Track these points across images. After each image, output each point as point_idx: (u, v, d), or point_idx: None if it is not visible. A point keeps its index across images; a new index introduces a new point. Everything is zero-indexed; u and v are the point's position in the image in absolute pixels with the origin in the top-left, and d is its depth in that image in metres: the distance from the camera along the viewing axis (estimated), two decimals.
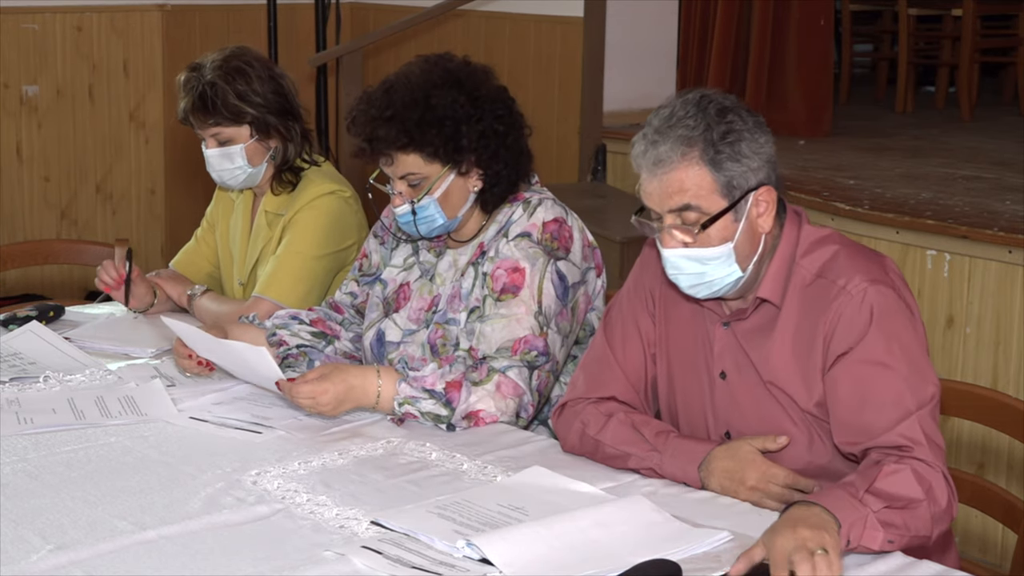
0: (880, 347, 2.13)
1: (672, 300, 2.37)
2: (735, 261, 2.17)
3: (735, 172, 2.13)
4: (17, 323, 3.11)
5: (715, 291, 2.22)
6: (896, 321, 2.15)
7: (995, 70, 7.73)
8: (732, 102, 2.18)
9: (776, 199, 2.20)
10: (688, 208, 2.14)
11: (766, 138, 2.17)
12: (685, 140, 2.12)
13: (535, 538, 1.97)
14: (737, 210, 2.15)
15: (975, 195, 4.46)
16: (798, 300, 2.21)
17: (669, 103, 2.18)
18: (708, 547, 1.99)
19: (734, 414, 2.30)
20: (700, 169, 2.13)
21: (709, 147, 2.12)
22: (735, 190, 2.14)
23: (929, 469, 2.07)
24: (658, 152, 2.13)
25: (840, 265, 2.20)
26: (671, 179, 2.13)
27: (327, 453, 2.37)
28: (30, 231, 6.32)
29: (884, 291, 2.16)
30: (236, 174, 3.18)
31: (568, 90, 5.89)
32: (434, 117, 2.58)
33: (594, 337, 2.51)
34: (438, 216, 2.65)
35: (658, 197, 2.16)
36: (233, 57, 3.16)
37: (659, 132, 2.15)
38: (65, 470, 2.30)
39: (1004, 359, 3.88)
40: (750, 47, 5.85)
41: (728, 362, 2.29)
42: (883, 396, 2.12)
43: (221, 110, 3.11)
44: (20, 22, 6.19)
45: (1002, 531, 3.71)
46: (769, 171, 2.17)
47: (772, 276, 2.22)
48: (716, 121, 2.13)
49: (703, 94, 2.18)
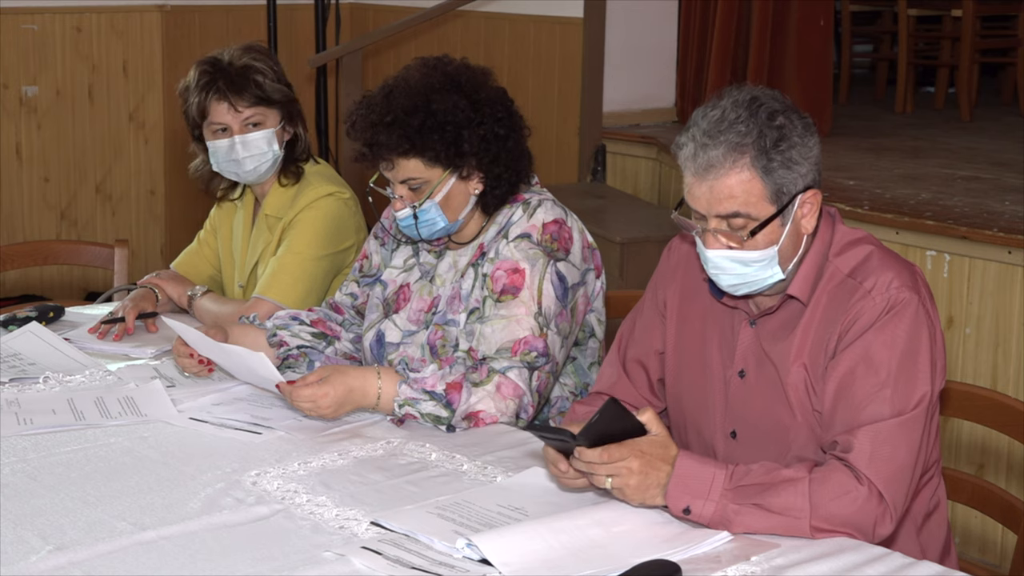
0: (874, 346, 2.12)
1: (688, 302, 2.36)
2: (778, 263, 2.16)
3: (786, 179, 2.11)
4: (17, 324, 3.11)
5: (755, 290, 2.21)
6: (903, 325, 2.13)
7: (995, 70, 7.73)
8: (782, 104, 2.14)
9: (820, 200, 2.18)
10: (736, 215, 2.12)
11: (814, 140, 2.15)
12: (736, 147, 2.09)
13: (535, 538, 1.97)
14: (784, 215, 2.13)
15: (975, 196, 4.46)
16: (825, 299, 2.20)
17: (718, 104, 2.14)
18: (708, 547, 1.99)
19: (746, 412, 2.29)
20: (751, 176, 2.10)
21: (761, 155, 2.09)
22: (784, 196, 2.12)
23: (849, 477, 2.04)
24: (708, 157, 2.10)
25: (871, 267, 2.18)
26: (721, 186, 2.10)
27: (327, 454, 2.37)
28: (30, 231, 6.33)
29: (906, 296, 2.14)
30: (267, 159, 3.17)
31: (568, 90, 5.89)
32: (435, 122, 2.58)
33: (609, 352, 2.52)
34: (439, 219, 2.65)
35: (706, 202, 2.13)
36: (252, 47, 3.21)
37: (709, 135, 2.10)
38: (65, 471, 2.30)
39: (1004, 359, 3.88)
40: (750, 47, 5.85)
41: (750, 361, 2.28)
42: (857, 395, 2.11)
43: (258, 90, 3.13)
44: (20, 22, 6.19)
45: (1002, 531, 3.71)
46: (816, 174, 2.16)
47: (803, 274, 2.21)
48: (768, 126, 2.09)
49: (753, 95, 2.14)
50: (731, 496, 2.02)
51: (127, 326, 3.11)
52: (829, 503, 2.02)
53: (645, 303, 2.47)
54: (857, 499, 2.03)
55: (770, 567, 1.93)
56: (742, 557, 1.96)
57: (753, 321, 2.28)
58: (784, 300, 2.24)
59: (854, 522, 2.03)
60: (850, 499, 2.03)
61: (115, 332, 3.09)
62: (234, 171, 3.20)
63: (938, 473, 2.32)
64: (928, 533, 2.30)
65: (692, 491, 2.02)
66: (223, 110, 3.13)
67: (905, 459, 2.08)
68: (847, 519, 2.02)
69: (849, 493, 2.03)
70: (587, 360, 2.75)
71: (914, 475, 2.11)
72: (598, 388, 2.49)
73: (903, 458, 2.08)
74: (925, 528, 2.29)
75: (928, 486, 2.29)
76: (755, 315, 2.28)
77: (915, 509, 2.25)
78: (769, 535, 2.01)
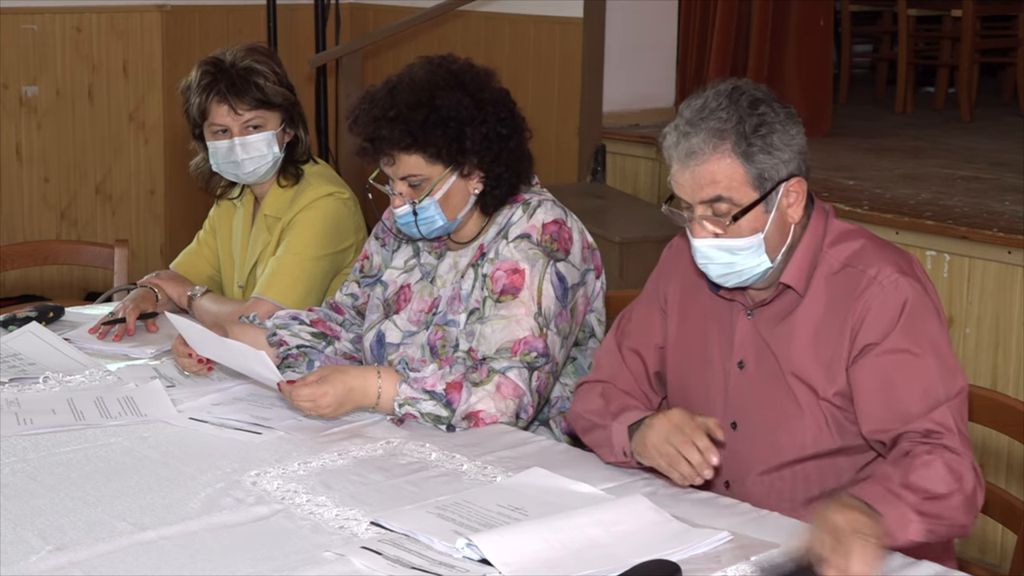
0: (910, 339, 2.15)
1: (689, 298, 2.38)
2: (764, 251, 2.19)
3: (767, 164, 2.15)
4: (17, 324, 3.11)
5: (744, 280, 2.23)
6: (925, 315, 2.17)
7: (995, 70, 7.73)
8: (764, 93, 2.19)
9: (806, 190, 2.22)
10: (720, 200, 2.16)
11: (797, 129, 2.19)
12: (717, 132, 2.14)
13: (535, 538, 1.97)
14: (768, 201, 2.17)
15: (975, 196, 4.46)
16: (824, 289, 2.23)
17: (702, 94, 2.20)
18: (708, 547, 1.99)
19: (747, 403, 2.30)
20: (732, 161, 2.14)
21: (741, 140, 2.14)
22: (766, 182, 2.16)
23: (958, 459, 2.08)
24: (690, 144, 2.15)
25: (869, 255, 2.22)
26: (703, 171, 2.15)
27: (327, 454, 2.37)
28: (30, 232, 6.32)
29: (914, 284, 2.18)
30: (266, 161, 3.17)
31: (568, 90, 5.89)
32: (438, 118, 2.58)
33: (605, 338, 2.53)
34: (438, 217, 2.65)
35: (690, 188, 2.17)
36: (255, 49, 3.21)
37: (691, 124, 2.16)
38: (64, 471, 2.30)
39: (1004, 359, 3.89)
40: (750, 47, 5.85)
41: (749, 351, 2.30)
42: (914, 383, 2.14)
43: (259, 93, 3.12)
44: (20, 22, 6.19)
45: (1002, 531, 3.71)
46: (800, 162, 2.20)
47: (797, 263, 2.24)
48: (748, 113, 2.15)
49: (735, 85, 2.19)
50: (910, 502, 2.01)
51: (128, 327, 3.11)
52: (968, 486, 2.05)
53: (645, 295, 2.49)
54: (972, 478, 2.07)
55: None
56: (742, 557, 1.96)
57: (750, 312, 2.30)
58: (780, 290, 2.26)
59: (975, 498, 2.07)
60: (969, 477, 2.06)
61: (115, 332, 3.09)
62: (233, 172, 3.20)
63: None
64: None
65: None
66: (223, 112, 3.13)
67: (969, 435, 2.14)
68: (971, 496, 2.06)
69: (964, 472, 2.06)
70: (587, 360, 2.75)
71: None
72: (599, 376, 2.47)
73: (969, 433, 2.14)
74: None
75: None
76: (751, 306, 2.30)
77: None
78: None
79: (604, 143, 5.77)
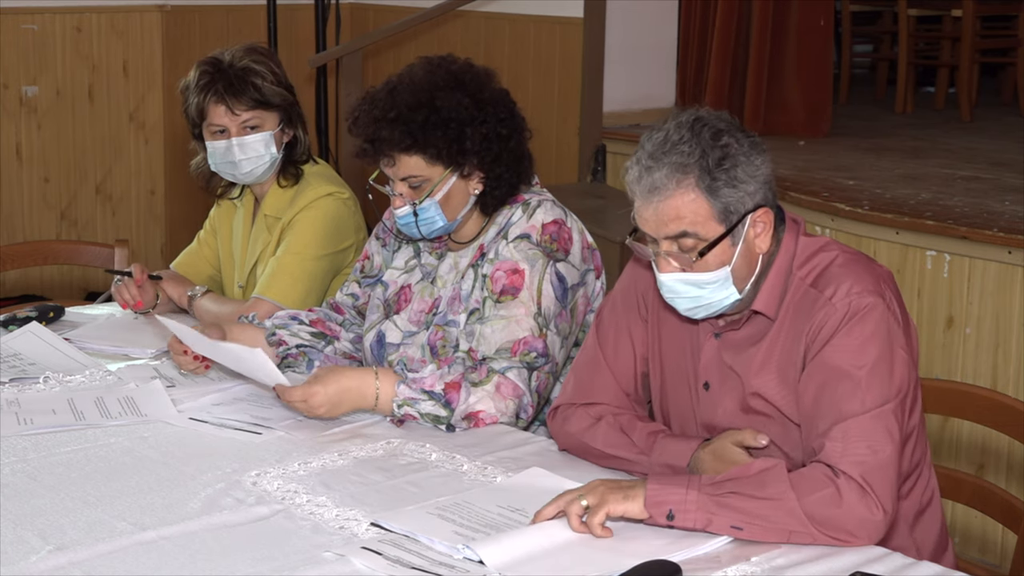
0: (841, 353, 2.10)
1: (665, 307, 2.36)
2: (732, 283, 2.15)
3: (732, 198, 2.10)
4: (17, 324, 3.11)
5: (713, 312, 2.20)
6: (868, 328, 2.10)
7: (995, 70, 7.73)
8: (727, 123, 2.13)
9: (773, 219, 2.17)
10: (685, 235, 2.11)
11: (762, 159, 2.13)
12: (680, 167, 2.08)
13: (534, 538, 1.97)
14: (734, 234, 2.12)
15: (975, 196, 4.45)
16: (792, 313, 2.19)
17: (662, 126, 2.13)
18: (708, 547, 1.99)
19: (714, 423, 2.29)
20: (696, 196, 2.09)
21: (705, 174, 2.08)
22: (732, 215, 2.11)
23: (825, 473, 2.02)
24: (653, 179, 2.09)
25: (832, 275, 2.16)
26: (667, 207, 2.10)
27: (327, 454, 2.37)
28: (30, 231, 6.33)
29: (868, 300, 2.12)
30: (264, 162, 3.17)
31: (568, 90, 5.89)
32: (439, 119, 2.58)
33: (585, 339, 2.50)
34: (438, 218, 2.65)
35: (654, 224, 2.12)
36: (254, 49, 3.21)
37: (653, 158, 2.10)
38: (65, 471, 2.30)
39: (1004, 360, 3.88)
40: (750, 48, 5.85)
41: (713, 373, 2.27)
42: (830, 402, 2.09)
43: (257, 94, 3.12)
44: (20, 22, 6.19)
45: (1002, 531, 3.71)
46: (766, 192, 2.14)
47: (768, 290, 2.19)
48: (711, 146, 2.09)
49: (696, 116, 2.13)
50: (709, 490, 2.00)
51: (136, 278, 3.21)
52: (809, 497, 1.98)
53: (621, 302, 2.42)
54: (836, 493, 1.99)
55: (770, 567, 1.94)
56: (742, 557, 1.96)
57: (718, 334, 2.27)
58: (750, 316, 2.23)
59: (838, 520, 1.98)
60: (829, 494, 1.99)
61: (136, 299, 3.21)
62: (231, 172, 3.20)
63: (927, 469, 2.31)
64: (922, 530, 2.29)
65: (670, 493, 2.00)
66: (221, 112, 3.13)
67: (884, 452, 2.04)
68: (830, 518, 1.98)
69: (827, 487, 1.99)
70: None
71: (899, 469, 2.08)
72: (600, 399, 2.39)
73: (882, 451, 2.04)
74: (918, 525, 2.29)
75: (918, 484, 2.29)
76: (719, 328, 2.27)
77: (906, 509, 2.25)
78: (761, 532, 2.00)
79: (604, 143, 5.77)
